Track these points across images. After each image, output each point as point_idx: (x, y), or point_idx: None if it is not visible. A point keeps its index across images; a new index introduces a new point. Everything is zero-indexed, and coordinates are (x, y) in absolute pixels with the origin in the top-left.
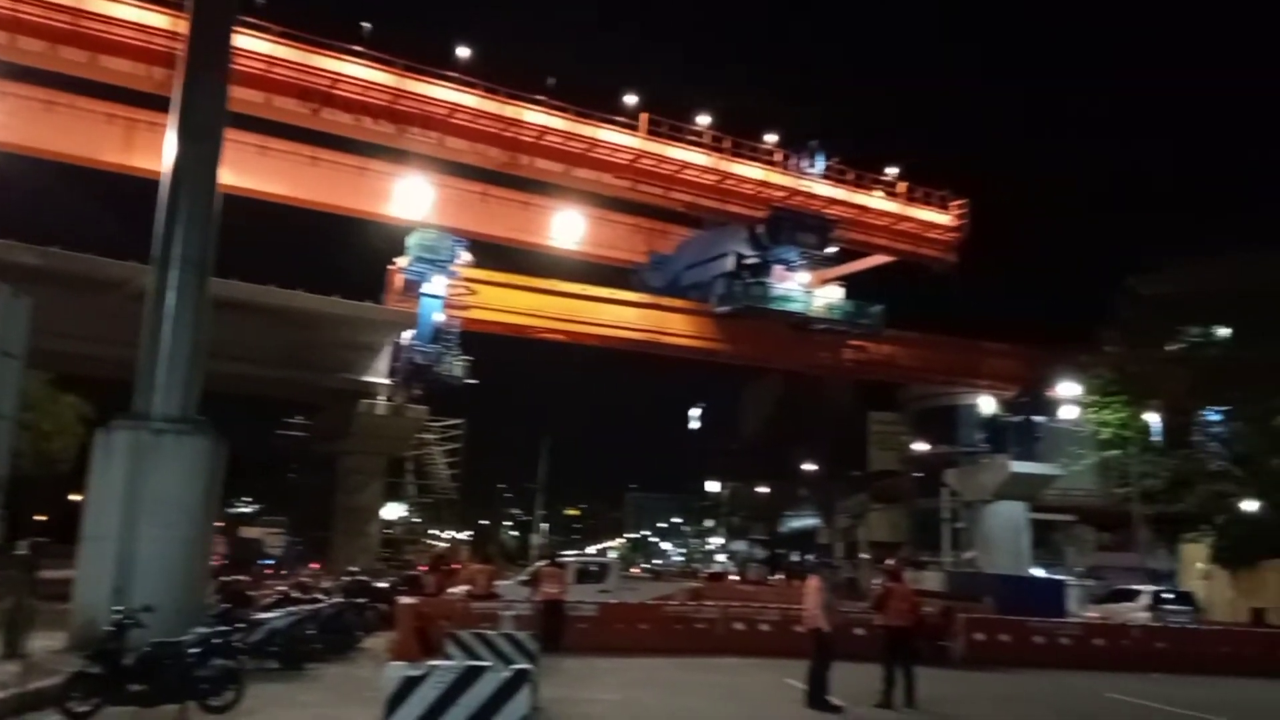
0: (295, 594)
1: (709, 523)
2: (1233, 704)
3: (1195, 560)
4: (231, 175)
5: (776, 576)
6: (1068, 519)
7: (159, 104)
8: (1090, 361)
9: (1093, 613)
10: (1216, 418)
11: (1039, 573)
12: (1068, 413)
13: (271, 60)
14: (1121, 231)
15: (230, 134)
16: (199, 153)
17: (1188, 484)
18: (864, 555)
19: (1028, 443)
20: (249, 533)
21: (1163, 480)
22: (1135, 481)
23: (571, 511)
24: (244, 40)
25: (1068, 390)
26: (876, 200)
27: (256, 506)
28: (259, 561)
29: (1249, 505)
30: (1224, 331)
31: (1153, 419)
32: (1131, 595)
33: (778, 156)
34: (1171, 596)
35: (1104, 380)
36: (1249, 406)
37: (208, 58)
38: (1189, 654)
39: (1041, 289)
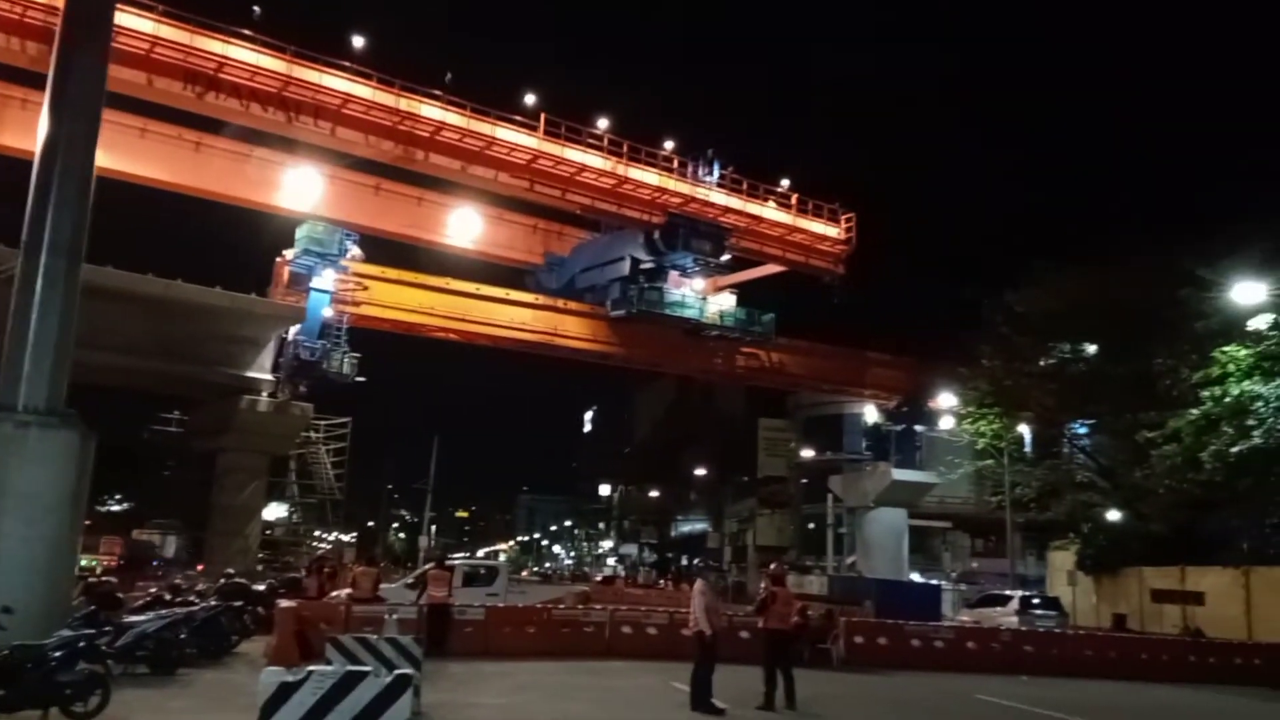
0: (168, 596)
1: (600, 526)
2: (1094, 705)
3: (1062, 567)
4: (109, 158)
5: (662, 581)
6: (944, 525)
7: (34, 80)
8: (967, 374)
9: (966, 617)
10: (1083, 430)
11: (916, 578)
12: (946, 423)
13: (155, 40)
14: (1001, 247)
15: (109, 115)
16: (75, 133)
17: (1056, 493)
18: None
19: (908, 451)
20: (142, 535)
21: (1033, 490)
22: (1007, 490)
23: (461, 514)
24: (126, 18)
25: (946, 401)
26: (770, 211)
27: (128, 504)
28: (154, 563)
29: (1112, 515)
30: (1091, 348)
31: (1025, 430)
32: (1002, 600)
33: (675, 163)
34: (1039, 602)
35: (980, 392)
36: (1113, 420)
37: (87, 34)
38: (1055, 657)
39: (924, 302)
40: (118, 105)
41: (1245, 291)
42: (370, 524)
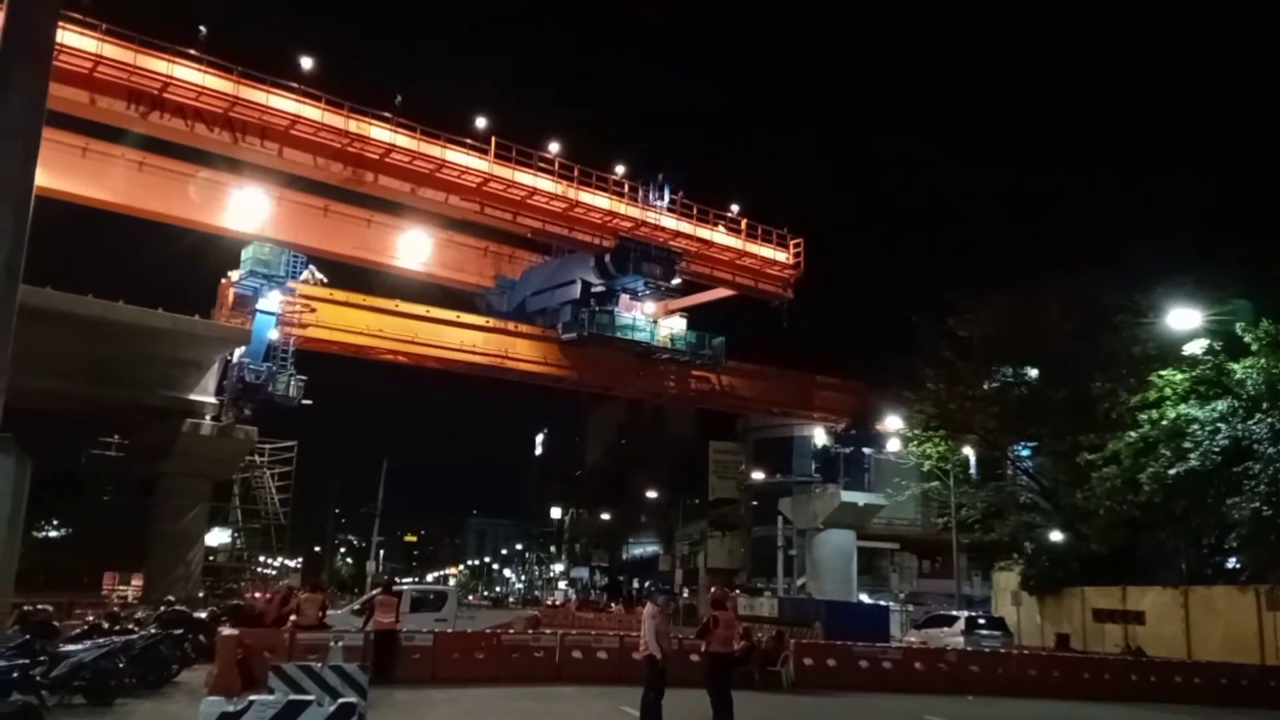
0: (105, 624)
1: (551, 549)
2: None
3: (1007, 587)
4: (50, 177)
5: (613, 605)
6: (892, 547)
7: None
8: (913, 397)
9: (913, 637)
10: (1026, 452)
11: (865, 599)
12: (893, 445)
13: (98, 58)
14: (945, 273)
15: (49, 133)
16: (13, 151)
17: (1000, 514)
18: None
19: (856, 473)
20: None
21: (977, 511)
22: (953, 512)
23: (410, 538)
24: (68, 36)
25: (893, 424)
26: (720, 235)
27: (66, 530)
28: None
29: (1054, 535)
30: (1033, 372)
31: (969, 453)
32: (948, 621)
33: (625, 187)
34: (984, 622)
35: (925, 415)
36: (1054, 442)
37: (27, 49)
38: (1000, 677)
39: (870, 326)
40: (59, 124)
41: (1180, 318)
42: (317, 549)
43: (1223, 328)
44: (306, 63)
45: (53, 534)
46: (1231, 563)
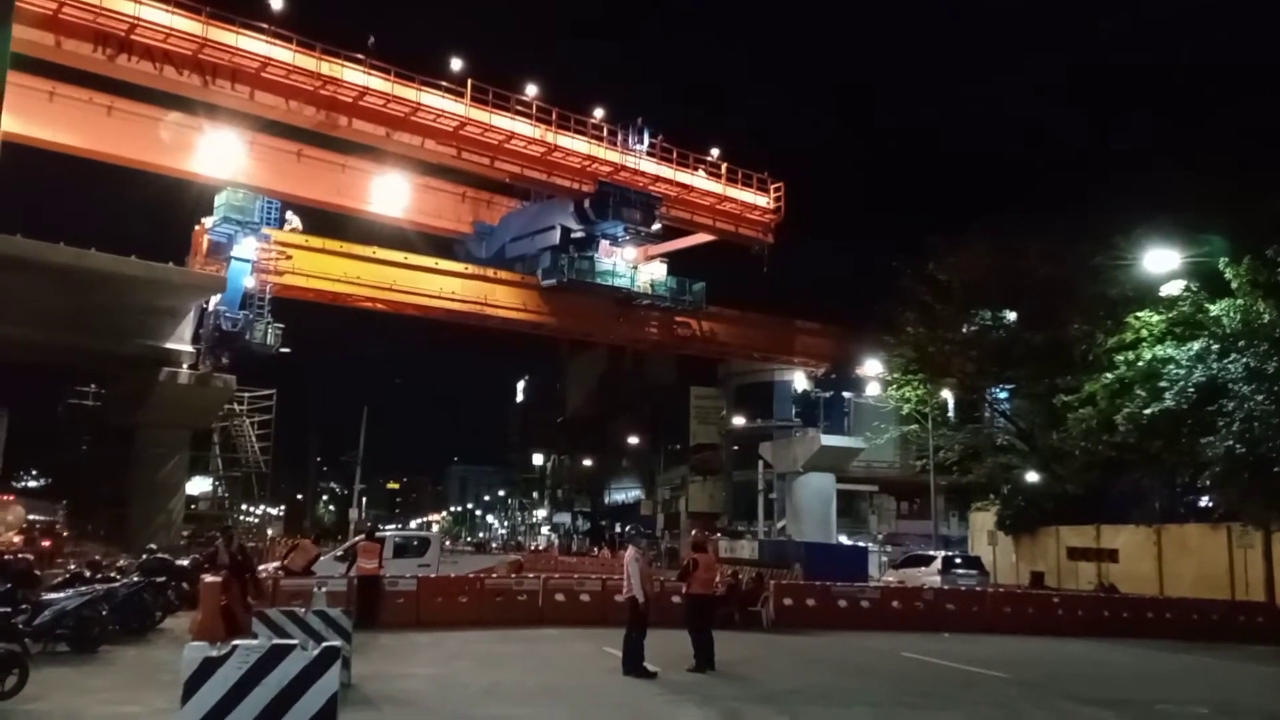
0: (87, 573)
1: (534, 495)
2: (1013, 660)
3: (983, 527)
4: (17, 122)
5: (597, 549)
6: (871, 489)
7: None
8: (892, 341)
9: (891, 577)
10: (1003, 395)
11: (844, 540)
12: (872, 389)
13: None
14: (924, 217)
15: (14, 77)
16: None
17: (977, 456)
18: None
19: (836, 417)
20: None
21: (955, 453)
22: (931, 454)
23: (392, 485)
24: None
25: (873, 368)
26: (700, 180)
27: (44, 481)
28: None
29: (1030, 476)
30: (1011, 315)
31: (948, 396)
32: (926, 560)
33: (604, 131)
34: (961, 561)
35: (904, 359)
36: (1031, 384)
37: None
38: (976, 615)
39: (850, 270)
40: (25, 67)
41: (1157, 259)
42: (299, 497)
43: (1201, 268)
44: (276, 2)
45: (31, 484)
46: (1204, 501)
